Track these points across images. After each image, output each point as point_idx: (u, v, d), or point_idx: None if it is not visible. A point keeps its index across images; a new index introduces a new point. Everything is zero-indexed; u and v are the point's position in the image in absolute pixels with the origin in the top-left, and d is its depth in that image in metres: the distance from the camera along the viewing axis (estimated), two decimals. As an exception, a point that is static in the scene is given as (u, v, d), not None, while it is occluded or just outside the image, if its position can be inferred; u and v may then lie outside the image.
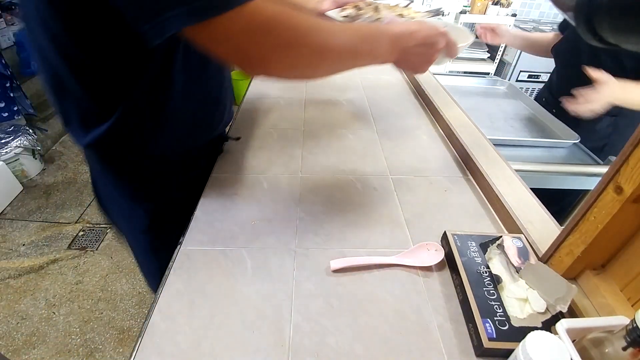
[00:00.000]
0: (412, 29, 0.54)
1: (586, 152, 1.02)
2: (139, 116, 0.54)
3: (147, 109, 0.54)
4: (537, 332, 0.34)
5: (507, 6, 2.57)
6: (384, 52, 0.53)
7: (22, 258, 1.65)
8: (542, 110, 1.16)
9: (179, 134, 0.60)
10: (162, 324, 0.44)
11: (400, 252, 0.53)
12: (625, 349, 0.31)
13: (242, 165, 0.72)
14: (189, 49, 0.51)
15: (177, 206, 0.64)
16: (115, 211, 0.72)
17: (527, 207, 0.60)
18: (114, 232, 1.80)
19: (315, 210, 0.62)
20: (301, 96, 1.01)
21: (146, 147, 0.59)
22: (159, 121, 0.56)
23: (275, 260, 0.52)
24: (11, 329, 1.37)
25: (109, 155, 0.60)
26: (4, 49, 2.44)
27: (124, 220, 0.73)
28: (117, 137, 0.55)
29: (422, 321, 0.45)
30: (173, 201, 0.65)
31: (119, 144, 0.57)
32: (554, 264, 0.48)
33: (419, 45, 0.55)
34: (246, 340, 0.42)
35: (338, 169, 0.72)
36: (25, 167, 2.07)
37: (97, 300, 1.48)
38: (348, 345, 0.42)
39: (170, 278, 0.49)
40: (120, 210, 0.70)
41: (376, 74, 1.21)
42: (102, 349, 1.32)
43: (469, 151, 0.74)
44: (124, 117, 0.52)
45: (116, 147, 0.57)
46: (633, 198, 0.37)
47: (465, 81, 1.40)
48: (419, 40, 0.54)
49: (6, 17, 2.53)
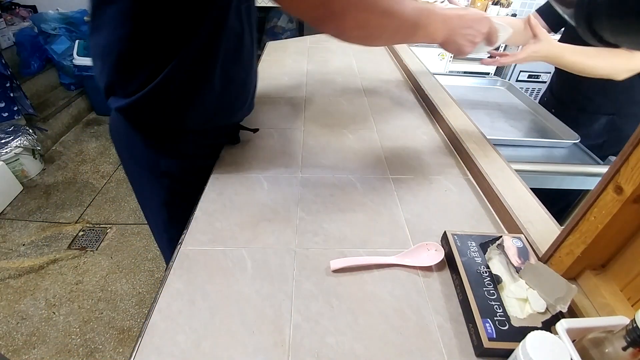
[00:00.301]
0: (461, 12, 0.60)
1: (586, 152, 1.02)
2: (181, 82, 0.57)
3: (189, 75, 0.57)
4: (537, 332, 0.34)
5: (507, 6, 2.57)
6: (436, 30, 0.59)
7: (22, 258, 1.65)
8: (542, 110, 1.16)
9: (209, 109, 0.63)
10: (162, 324, 0.44)
11: (400, 252, 0.53)
12: (625, 349, 0.31)
13: (242, 165, 0.72)
14: (232, 27, 0.57)
15: (189, 189, 0.67)
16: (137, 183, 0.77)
17: (527, 207, 0.60)
18: (114, 232, 1.80)
19: (315, 210, 0.62)
20: (301, 96, 1.01)
21: (177, 116, 0.62)
22: (196, 90, 0.59)
23: (275, 260, 0.52)
24: (11, 329, 1.37)
25: (140, 121, 0.63)
26: (4, 49, 2.45)
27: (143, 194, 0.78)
28: (155, 101, 0.58)
29: (422, 321, 0.45)
30: (186, 183, 0.69)
31: (155, 109, 0.60)
32: (554, 264, 0.48)
33: (465, 28, 0.61)
34: (246, 340, 0.42)
35: (338, 169, 0.72)
36: (25, 167, 2.07)
37: (97, 300, 1.48)
38: (348, 345, 0.42)
39: (170, 278, 0.49)
40: (141, 182, 0.75)
41: (376, 74, 1.21)
42: (102, 349, 1.32)
43: (469, 151, 0.74)
44: (167, 81, 0.55)
45: (150, 112, 0.60)
46: (633, 198, 0.37)
47: (465, 81, 1.40)
48: (466, 23, 0.61)
49: (6, 17, 2.53)
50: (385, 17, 0.51)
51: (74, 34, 2.59)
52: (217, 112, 0.66)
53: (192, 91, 0.59)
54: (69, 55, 2.55)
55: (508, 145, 1.00)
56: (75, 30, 2.60)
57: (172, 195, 0.71)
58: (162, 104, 0.59)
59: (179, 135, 0.66)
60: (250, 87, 0.73)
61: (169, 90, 0.57)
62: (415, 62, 1.26)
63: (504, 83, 1.38)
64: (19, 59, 2.55)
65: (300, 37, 1.60)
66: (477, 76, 1.45)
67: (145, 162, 0.69)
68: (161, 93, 0.57)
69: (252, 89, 0.74)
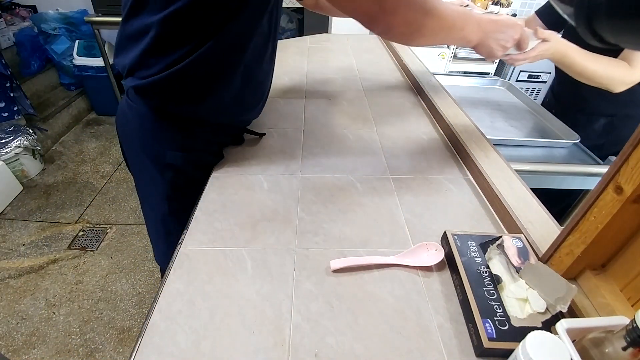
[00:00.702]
0: (495, 18, 0.65)
1: (586, 152, 1.02)
2: (205, 70, 0.59)
3: (215, 65, 0.59)
4: (537, 332, 0.34)
5: (507, 6, 2.56)
6: (471, 33, 0.63)
7: (22, 258, 1.65)
8: (542, 110, 1.16)
9: (224, 103, 0.65)
10: (162, 324, 0.44)
11: (400, 252, 0.53)
12: (625, 349, 0.31)
13: (242, 165, 0.72)
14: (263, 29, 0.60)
15: (191, 184, 0.68)
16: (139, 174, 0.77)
17: (527, 207, 0.60)
18: (114, 232, 1.80)
19: (315, 210, 0.62)
20: (301, 96, 1.01)
21: (193, 103, 0.63)
22: (217, 82, 0.61)
23: (275, 260, 0.52)
24: (11, 329, 1.37)
25: (156, 103, 0.63)
26: (4, 49, 2.44)
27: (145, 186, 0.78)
28: (175, 84, 0.59)
29: (422, 321, 0.45)
30: (189, 177, 0.69)
31: (174, 92, 0.61)
32: (554, 264, 0.48)
33: (498, 33, 0.65)
34: (246, 340, 0.42)
35: (338, 169, 0.72)
36: (25, 167, 2.07)
37: (97, 300, 1.48)
38: (348, 345, 0.42)
39: (170, 278, 0.49)
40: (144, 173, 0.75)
41: (376, 74, 1.21)
42: (102, 349, 1.32)
43: (469, 151, 0.74)
44: (192, 66, 0.57)
45: (168, 94, 0.61)
46: (633, 198, 0.37)
47: (465, 81, 1.40)
48: (500, 28, 0.65)
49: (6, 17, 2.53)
50: (429, 17, 0.54)
51: (74, 34, 2.59)
52: (231, 108, 0.68)
53: (213, 82, 0.61)
54: (69, 55, 2.55)
55: (508, 145, 1.00)
56: (75, 30, 2.59)
57: (174, 189, 0.71)
58: (181, 88, 0.60)
59: (187, 127, 0.66)
60: (265, 90, 0.75)
61: (192, 75, 0.59)
62: (415, 62, 1.26)
63: (504, 83, 1.38)
64: (19, 59, 2.54)
65: (300, 37, 1.60)
66: (477, 76, 1.45)
67: (150, 152, 0.68)
68: (183, 77, 0.58)
69: (266, 93, 0.76)
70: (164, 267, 0.53)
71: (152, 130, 0.66)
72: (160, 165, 0.68)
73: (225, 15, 0.54)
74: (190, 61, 0.56)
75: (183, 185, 0.70)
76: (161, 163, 0.68)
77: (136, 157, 0.73)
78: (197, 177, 0.69)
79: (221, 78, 0.61)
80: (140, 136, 0.68)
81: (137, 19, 0.57)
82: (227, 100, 0.65)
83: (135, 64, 0.60)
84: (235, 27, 0.56)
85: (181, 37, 0.55)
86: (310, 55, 1.33)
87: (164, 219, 0.75)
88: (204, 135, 0.69)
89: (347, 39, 1.56)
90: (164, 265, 0.72)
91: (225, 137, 0.74)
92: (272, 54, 0.70)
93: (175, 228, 0.63)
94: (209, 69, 0.59)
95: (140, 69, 0.60)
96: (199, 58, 0.56)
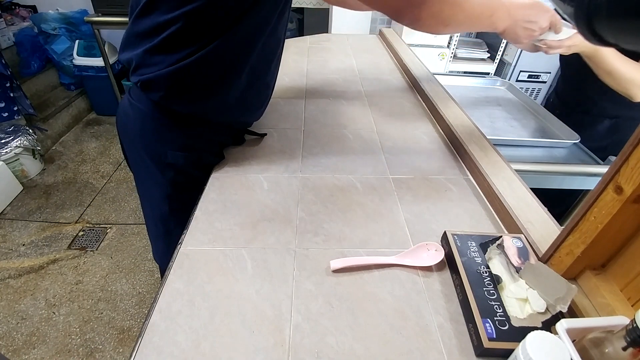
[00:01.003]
0: (526, 4, 0.64)
1: (586, 152, 1.02)
2: (213, 67, 0.59)
3: (223, 62, 0.59)
4: (537, 332, 0.34)
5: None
6: (499, 19, 0.63)
7: (22, 258, 1.65)
8: (542, 110, 1.16)
9: (229, 102, 0.65)
10: (162, 324, 0.44)
11: (400, 252, 0.53)
12: (625, 349, 0.31)
13: (242, 165, 0.72)
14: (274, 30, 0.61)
15: (192, 184, 0.68)
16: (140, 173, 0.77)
17: (527, 207, 0.60)
18: (114, 232, 1.80)
19: (315, 210, 0.61)
20: (301, 96, 1.01)
21: (198, 100, 0.63)
22: (223, 80, 0.62)
23: (275, 260, 0.52)
24: (11, 329, 1.37)
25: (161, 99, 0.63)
26: (4, 49, 2.44)
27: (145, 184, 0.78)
28: (182, 79, 0.59)
29: (422, 321, 0.45)
30: (190, 177, 0.69)
31: (180, 87, 0.61)
32: (554, 264, 0.48)
33: (527, 22, 0.65)
34: (246, 340, 0.42)
35: (338, 169, 0.72)
36: (25, 167, 2.07)
37: (97, 300, 1.48)
38: (348, 345, 0.42)
39: (170, 278, 0.49)
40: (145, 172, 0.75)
41: (376, 74, 1.21)
42: (102, 349, 1.32)
43: (468, 151, 0.74)
44: (200, 63, 0.57)
45: (174, 90, 0.61)
46: (633, 198, 0.37)
47: (465, 81, 1.40)
48: (529, 17, 0.65)
49: (6, 17, 2.53)
50: (456, 7, 0.56)
51: (74, 34, 2.59)
52: (235, 108, 0.68)
53: (219, 80, 0.61)
54: (69, 55, 2.55)
55: (508, 145, 1.00)
56: (75, 30, 2.59)
57: (174, 188, 0.71)
58: (186, 84, 0.60)
59: (189, 126, 0.67)
60: (269, 92, 0.75)
61: (198, 72, 0.59)
62: (415, 62, 1.26)
63: (504, 83, 1.38)
64: (19, 59, 2.54)
65: (300, 37, 1.60)
66: (477, 76, 1.45)
67: (151, 151, 0.69)
68: (189, 73, 0.58)
69: (269, 95, 0.76)
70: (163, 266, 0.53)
71: (154, 130, 0.66)
72: (161, 165, 0.68)
73: (237, 15, 0.54)
74: (197, 58, 0.56)
75: (183, 184, 0.70)
76: (162, 162, 0.68)
77: (137, 156, 0.73)
78: (198, 177, 0.69)
79: (227, 77, 0.61)
80: (142, 135, 0.68)
81: (149, 17, 0.57)
82: (231, 100, 0.65)
83: (142, 60, 0.60)
84: (244, 27, 0.56)
85: (192, 36, 0.56)
86: (310, 55, 1.33)
87: (164, 218, 0.75)
88: (206, 135, 0.69)
89: (347, 39, 1.56)
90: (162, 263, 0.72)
91: (226, 137, 0.74)
92: (279, 58, 0.70)
93: (175, 227, 0.63)
94: (215, 67, 0.59)
95: (149, 65, 0.60)
96: (207, 56, 0.57)
